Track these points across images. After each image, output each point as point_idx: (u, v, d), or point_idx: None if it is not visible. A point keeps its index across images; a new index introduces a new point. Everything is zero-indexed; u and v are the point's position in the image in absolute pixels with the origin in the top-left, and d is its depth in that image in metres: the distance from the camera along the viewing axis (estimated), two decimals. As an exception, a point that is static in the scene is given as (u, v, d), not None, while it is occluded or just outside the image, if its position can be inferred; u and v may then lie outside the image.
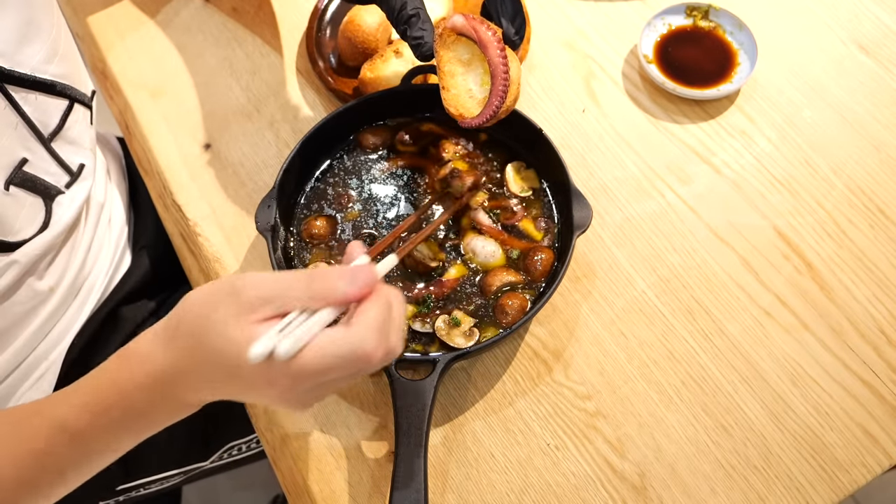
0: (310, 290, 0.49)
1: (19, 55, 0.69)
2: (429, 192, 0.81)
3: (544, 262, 0.75)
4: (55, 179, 0.76)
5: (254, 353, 0.47)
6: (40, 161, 0.74)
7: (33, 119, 0.72)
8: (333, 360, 0.48)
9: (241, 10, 1.02)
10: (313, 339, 0.48)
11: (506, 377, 0.76)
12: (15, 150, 0.70)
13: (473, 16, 0.71)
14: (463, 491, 0.71)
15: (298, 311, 0.49)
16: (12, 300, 0.76)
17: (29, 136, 0.72)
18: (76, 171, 0.79)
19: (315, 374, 0.48)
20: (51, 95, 0.74)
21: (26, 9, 0.70)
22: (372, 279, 0.50)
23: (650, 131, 0.89)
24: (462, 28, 0.70)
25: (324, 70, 0.93)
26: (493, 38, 0.69)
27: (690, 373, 0.75)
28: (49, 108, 0.74)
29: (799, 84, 0.91)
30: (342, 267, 0.52)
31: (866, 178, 0.85)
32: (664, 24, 0.94)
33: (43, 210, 0.75)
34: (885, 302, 0.78)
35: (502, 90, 0.69)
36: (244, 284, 0.49)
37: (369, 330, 0.48)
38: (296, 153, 0.78)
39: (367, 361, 0.49)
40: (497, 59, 0.69)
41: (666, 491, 0.70)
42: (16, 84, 0.69)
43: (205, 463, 0.99)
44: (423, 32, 0.69)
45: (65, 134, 0.76)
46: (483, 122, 0.71)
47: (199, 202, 0.89)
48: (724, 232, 0.82)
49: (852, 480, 0.70)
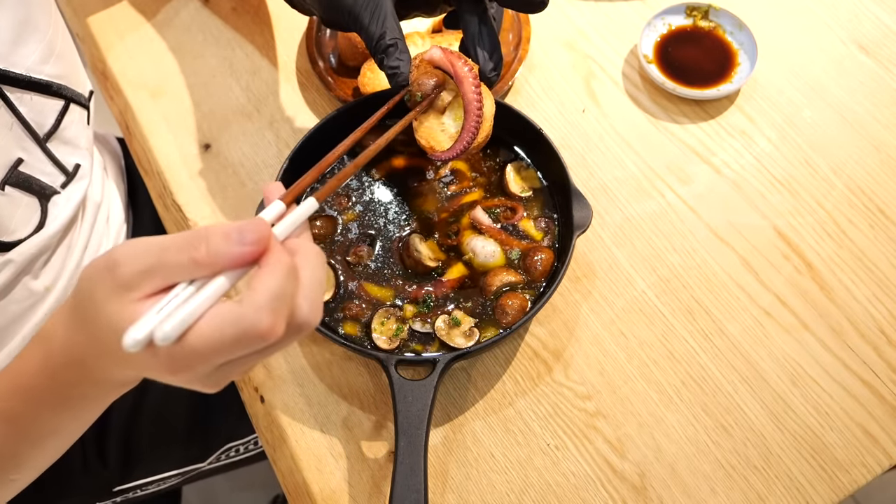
0: (191, 256, 0.42)
1: (14, 55, 0.69)
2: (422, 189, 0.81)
3: (544, 262, 0.75)
4: (51, 180, 0.76)
5: (127, 341, 0.40)
6: (36, 161, 0.74)
7: (28, 119, 0.72)
8: (224, 342, 0.41)
9: (241, 10, 1.02)
10: (202, 318, 0.41)
11: (506, 377, 0.76)
12: (10, 150, 0.70)
13: (452, 50, 0.70)
14: (463, 491, 0.71)
15: (187, 281, 0.42)
16: (7, 299, 0.76)
17: (24, 137, 0.72)
18: (72, 171, 0.79)
19: (208, 357, 0.42)
20: (46, 96, 0.74)
21: (23, 8, 0.69)
22: (262, 236, 0.42)
23: (650, 131, 0.89)
24: (439, 62, 0.70)
25: (324, 70, 0.93)
26: (468, 74, 0.68)
27: (690, 373, 0.75)
28: (44, 108, 0.74)
29: (799, 84, 0.91)
30: (229, 224, 0.43)
31: (866, 178, 0.85)
32: (664, 24, 0.94)
33: (39, 210, 0.75)
34: (885, 302, 0.78)
35: (474, 126, 0.68)
36: (118, 257, 0.42)
37: (261, 305, 0.41)
38: (296, 153, 0.78)
39: (264, 340, 0.42)
40: (471, 96, 0.68)
41: (666, 491, 0.70)
42: (11, 84, 0.69)
43: (203, 464, 0.99)
44: (399, 62, 0.67)
45: (60, 134, 0.76)
46: (453, 157, 0.70)
47: (199, 202, 0.89)
48: (724, 232, 0.82)
49: (852, 480, 0.70)
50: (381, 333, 0.73)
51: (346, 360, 0.78)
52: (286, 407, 0.77)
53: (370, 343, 0.73)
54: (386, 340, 0.73)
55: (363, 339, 0.74)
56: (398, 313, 0.75)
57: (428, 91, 0.70)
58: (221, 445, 0.98)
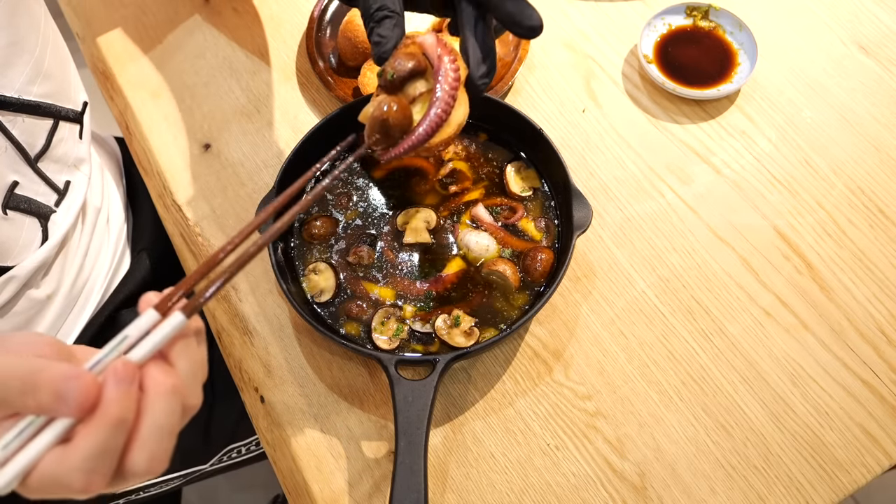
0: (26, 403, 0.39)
1: (3, 78, 0.69)
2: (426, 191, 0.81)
3: (544, 262, 0.75)
4: (45, 199, 0.77)
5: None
6: (29, 183, 0.74)
7: (21, 141, 0.72)
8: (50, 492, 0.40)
9: (242, 10, 1.02)
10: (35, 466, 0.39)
11: (506, 377, 0.76)
12: (5, 174, 0.71)
13: (448, 43, 0.63)
14: (463, 491, 0.71)
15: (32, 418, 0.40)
16: (11, 312, 0.76)
17: (17, 159, 0.72)
18: (63, 188, 0.79)
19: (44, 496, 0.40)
20: (36, 116, 0.74)
21: (11, 31, 0.69)
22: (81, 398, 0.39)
23: (650, 131, 0.89)
24: (428, 48, 0.62)
25: (324, 70, 0.93)
26: (450, 70, 0.61)
27: (690, 373, 0.75)
28: (35, 129, 0.74)
29: (799, 84, 0.91)
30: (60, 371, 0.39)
31: (866, 178, 0.85)
32: (664, 24, 0.94)
33: (40, 230, 0.76)
34: (885, 302, 0.78)
35: (433, 125, 0.61)
36: None
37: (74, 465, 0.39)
38: (296, 153, 0.78)
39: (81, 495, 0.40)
40: (443, 94, 0.60)
41: (666, 491, 0.70)
42: (2, 108, 0.69)
43: (204, 466, 0.99)
44: (389, 34, 0.60)
45: (51, 153, 0.77)
46: (398, 153, 0.62)
47: (199, 202, 0.89)
48: (724, 232, 0.82)
49: (852, 480, 0.70)
50: (382, 333, 0.73)
51: (347, 360, 0.78)
52: (286, 407, 0.77)
53: (370, 343, 0.73)
54: (386, 340, 0.73)
55: (364, 339, 0.74)
56: (398, 313, 0.75)
57: (403, 73, 0.62)
58: (224, 447, 0.98)
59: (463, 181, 0.82)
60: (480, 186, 0.81)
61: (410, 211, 0.79)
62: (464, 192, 0.81)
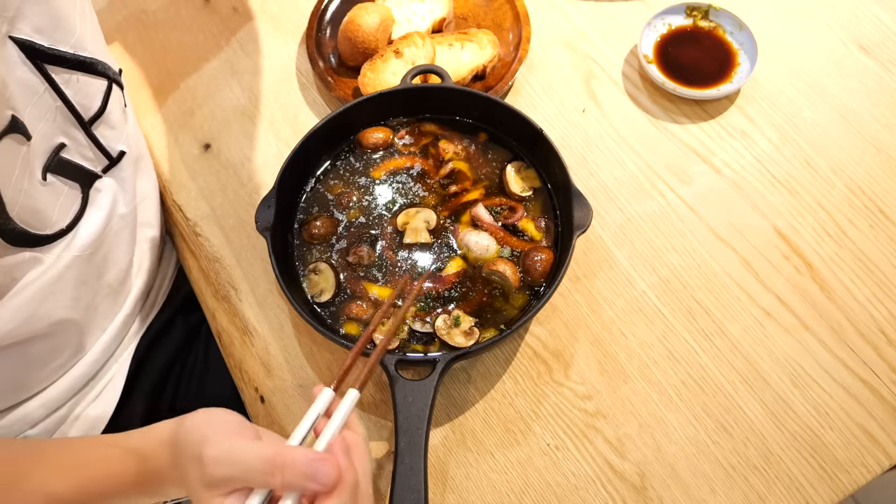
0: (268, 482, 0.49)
1: (58, 31, 0.65)
2: (428, 192, 0.81)
3: (544, 262, 0.75)
4: (92, 164, 0.73)
5: None
6: (78, 146, 0.71)
7: (74, 103, 0.68)
8: None
9: (242, 10, 1.02)
10: None
11: (506, 377, 0.76)
12: (54, 135, 0.67)
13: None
14: (463, 491, 0.71)
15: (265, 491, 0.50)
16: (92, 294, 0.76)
17: (68, 122, 0.68)
18: (116, 157, 0.77)
19: None
20: (92, 75, 0.70)
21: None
22: (333, 476, 0.49)
23: (650, 131, 0.89)
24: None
25: (324, 70, 0.93)
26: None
27: (690, 373, 0.75)
28: (90, 89, 0.71)
29: (799, 84, 0.91)
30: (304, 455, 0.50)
31: (866, 178, 0.85)
32: (664, 24, 0.94)
33: (79, 198, 0.72)
34: (885, 302, 0.78)
35: None
36: (208, 459, 0.50)
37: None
38: (296, 153, 0.78)
39: None
40: None
41: (666, 491, 0.70)
42: (56, 64, 0.65)
43: None
44: None
45: (107, 118, 0.73)
46: None
47: (199, 202, 0.89)
48: (725, 232, 0.82)
49: (852, 480, 0.70)
50: (382, 333, 0.73)
51: (347, 360, 0.78)
52: (286, 407, 0.77)
53: (371, 343, 0.73)
54: (386, 340, 0.73)
55: (363, 339, 0.74)
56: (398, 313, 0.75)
57: None
58: None
59: (463, 181, 0.82)
60: (480, 186, 0.81)
61: (410, 211, 0.79)
62: (464, 192, 0.81)
